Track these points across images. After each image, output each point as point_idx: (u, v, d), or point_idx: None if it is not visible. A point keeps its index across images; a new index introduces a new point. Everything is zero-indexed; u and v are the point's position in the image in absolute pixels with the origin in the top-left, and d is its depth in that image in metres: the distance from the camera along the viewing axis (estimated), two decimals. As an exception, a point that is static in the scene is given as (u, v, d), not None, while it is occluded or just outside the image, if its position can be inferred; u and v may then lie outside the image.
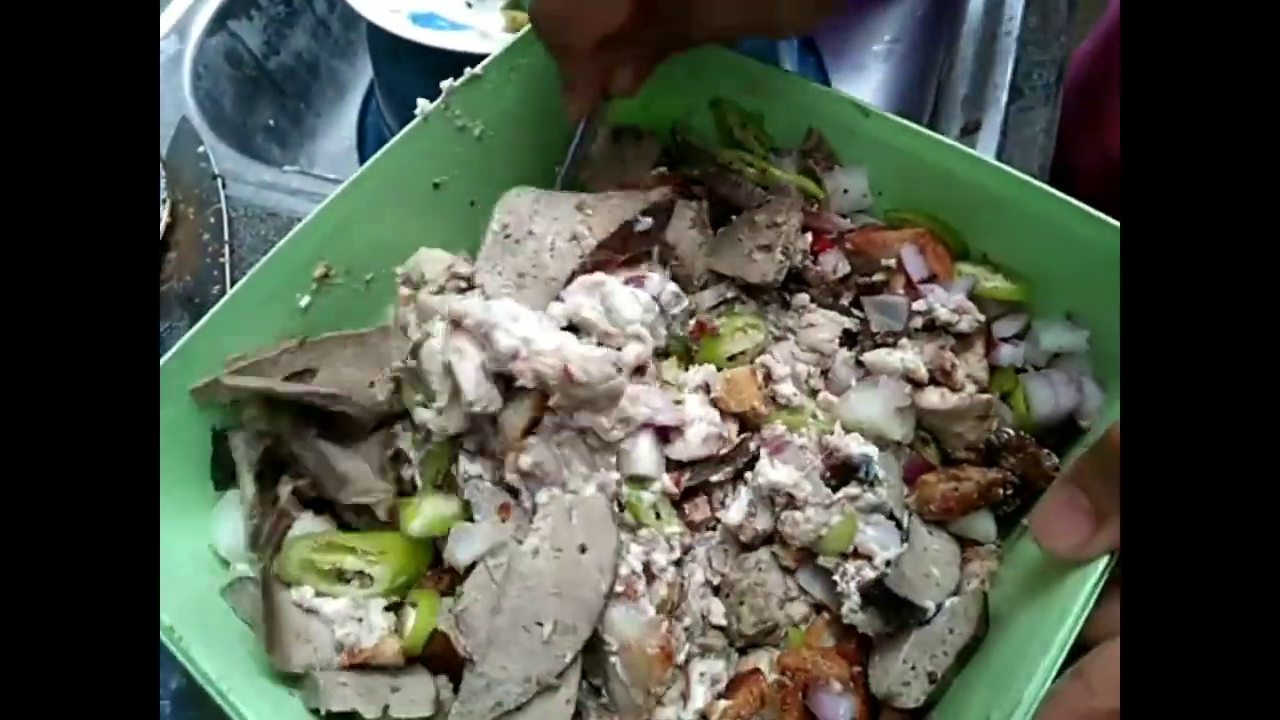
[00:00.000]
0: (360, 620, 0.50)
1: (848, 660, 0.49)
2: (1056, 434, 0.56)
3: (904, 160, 0.57)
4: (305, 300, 0.58)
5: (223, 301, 0.54)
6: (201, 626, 0.47)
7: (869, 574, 0.46)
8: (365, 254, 0.60)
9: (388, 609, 0.52)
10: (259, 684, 0.48)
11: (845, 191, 0.60)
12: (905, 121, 0.57)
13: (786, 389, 0.54)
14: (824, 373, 0.57)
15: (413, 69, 0.81)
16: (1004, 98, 0.85)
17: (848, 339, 0.57)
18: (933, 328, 0.55)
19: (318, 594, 0.51)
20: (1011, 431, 0.53)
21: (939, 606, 0.48)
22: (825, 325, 0.57)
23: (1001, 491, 0.52)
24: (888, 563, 0.46)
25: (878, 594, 0.44)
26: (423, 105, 0.59)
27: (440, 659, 0.51)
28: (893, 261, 0.56)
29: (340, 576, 0.51)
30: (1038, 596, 0.44)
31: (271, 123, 0.98)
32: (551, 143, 0.64)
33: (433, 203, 0.62)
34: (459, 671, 0.49)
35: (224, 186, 0.86)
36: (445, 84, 0.59)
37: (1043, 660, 0.37)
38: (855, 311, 0.58)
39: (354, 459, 0.55)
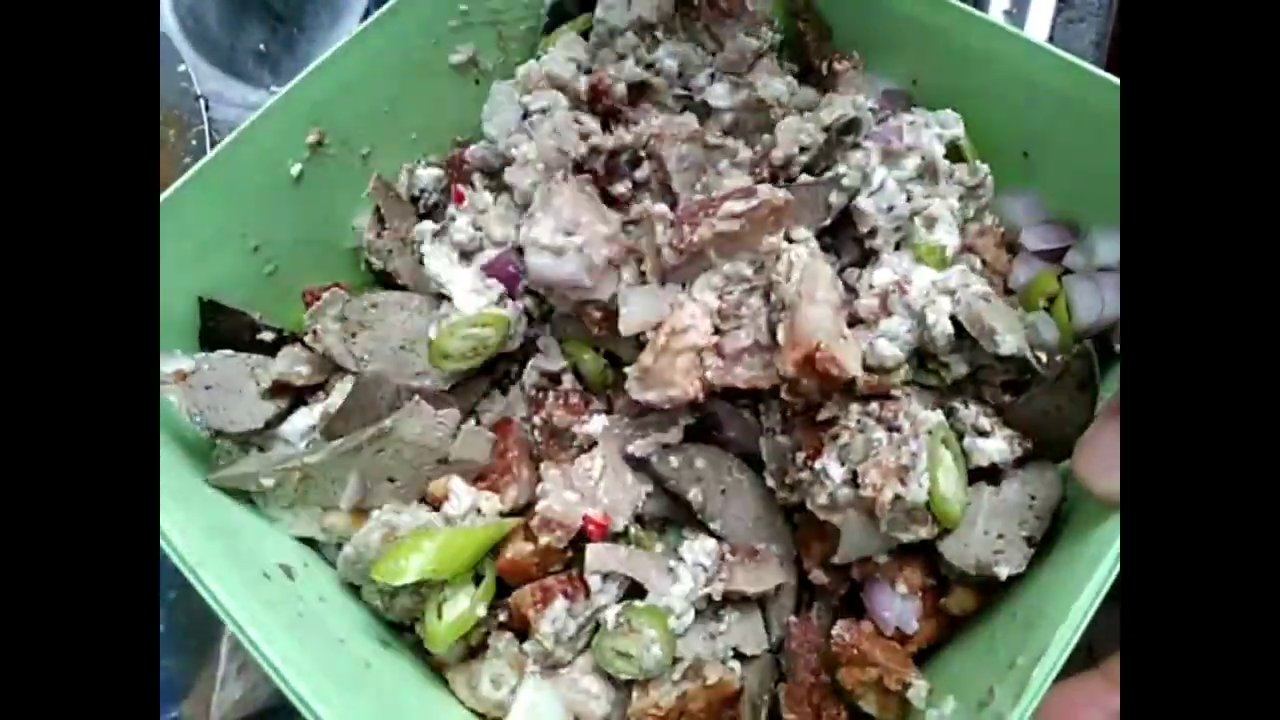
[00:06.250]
0: None
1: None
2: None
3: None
4: (297, 168, 0.52)
5: (208, 158, 0.49)
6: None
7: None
8: (361, 124, 0.53)
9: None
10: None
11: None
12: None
13: None
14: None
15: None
16: (1050, 7, 0.79)
17: None
18: None
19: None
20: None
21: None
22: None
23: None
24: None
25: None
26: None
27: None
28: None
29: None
30: (1064, 540, 0.41)
31: (262, 47, 0.91)
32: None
33: (437, 74, 0.55)
34: None
35: (207, 108, 0.79)
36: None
37: (1073, 604, 0.34)
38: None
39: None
